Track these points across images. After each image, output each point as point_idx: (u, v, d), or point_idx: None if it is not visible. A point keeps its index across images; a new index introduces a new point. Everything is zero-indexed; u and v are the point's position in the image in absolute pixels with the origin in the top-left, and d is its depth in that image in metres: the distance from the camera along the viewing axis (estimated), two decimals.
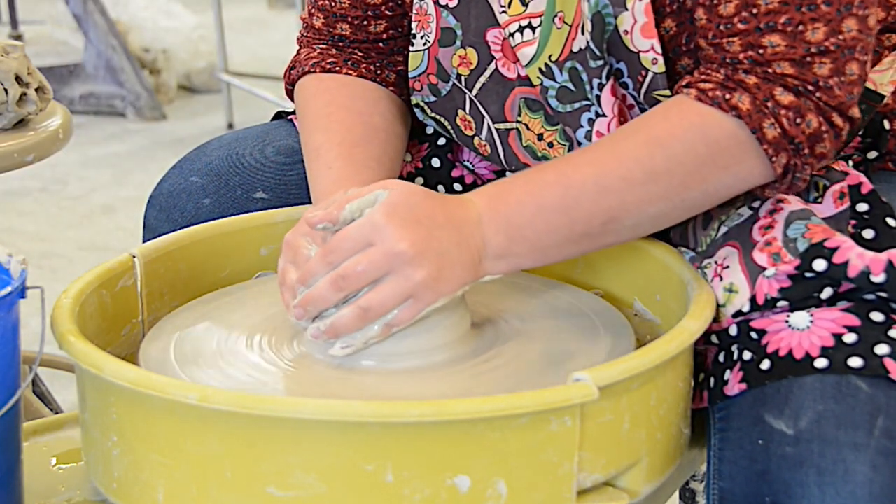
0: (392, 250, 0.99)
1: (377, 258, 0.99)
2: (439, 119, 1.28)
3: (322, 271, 1.01)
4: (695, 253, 1.13)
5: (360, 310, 1.00)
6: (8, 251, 0.99)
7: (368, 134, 1.23)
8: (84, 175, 3.88)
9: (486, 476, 0.90)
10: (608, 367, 0.93)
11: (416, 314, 1.01)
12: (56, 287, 1.12)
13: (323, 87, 1.28)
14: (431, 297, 1.01)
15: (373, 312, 1.00)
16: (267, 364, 1.05)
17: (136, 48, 4.66)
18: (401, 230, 0.99)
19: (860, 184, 1.10)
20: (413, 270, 0.99)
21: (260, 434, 0.89)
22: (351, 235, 1.01)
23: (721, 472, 1.01)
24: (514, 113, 1.22)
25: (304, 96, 1.28)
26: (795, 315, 1.01)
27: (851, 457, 0.95)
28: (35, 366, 1.02)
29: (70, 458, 1.12)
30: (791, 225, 1.05)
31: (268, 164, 1.33)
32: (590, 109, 1.15)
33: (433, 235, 1.00)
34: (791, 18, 1.01)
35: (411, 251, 0.99)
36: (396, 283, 0.99)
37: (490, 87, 1.22)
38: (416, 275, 0.99)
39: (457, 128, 1.27)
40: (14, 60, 1.62)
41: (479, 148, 1.27)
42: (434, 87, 1.26)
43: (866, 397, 0.97)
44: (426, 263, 0.99)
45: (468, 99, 1.24)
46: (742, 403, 1.01)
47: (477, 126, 1.25)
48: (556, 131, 1.19)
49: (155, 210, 1.34)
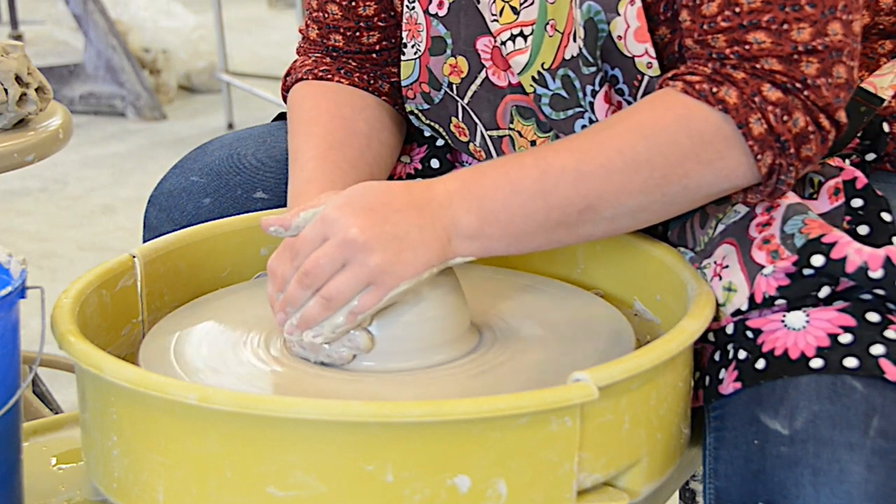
0: (344, 239, 0.99)
1: (332, 250, 1.00)
2: (434, 126, 1.29)
3: (291, 275, 1.03)
4: (694, 253, 1.13)
5: (323, 299, 1.01)
6: (8, 251, 0.99)
7: (348, 138, 1.24)
8: (84, 175, 3.88)
9: (486, 476, 0.90)
10: (608, 367, 0.93)
11: (378, 299, 1.00)
12: (56, 287, 1.12)
13: (311, 93, 1.29)
14: (391, 282, 1.00)
15: (335, 301, 1.00)
16: (266, 364, 1.05)
17: (136, 48, 4.66)
18: (351, 218, 0.99)
19: (855, 178, 1.09)
20: (367, 256, 0.99)
21: (260, 434, 0.89)
22: (308, 236, 1.01)
23: (717, 471, 1.01)
24: (506, 120, 1.22)
25: (294, 101, 1.30)
26: (791, 315, 1.01)
27: (846, 457, 0.95)
28: (35, 366, 1.02)
29: (70, 458, 1.12)
30: (788, 221, 1.05)
31: (268, 165, 1.34)
32: (583, 116, 1.15)
33: (388, 220, 1.00)
34: (775, 17, 1.01)
35: (362, 237, 0.99)
36: (353, 270, 1.00)
37: (481, 95, 1.22)
38: (371, 260, 0.99)
39: (451, 134, 1.28)
40: (14, 60, 1.62)
41: (474, 153, 1.27)
42: (426, 96, 1.26)
43: (861, 397, 0.97)
44: (380, 248, 0.99)
45: (460, 107, 1.25)
46: (737, 403, 1.01)
47: (471, 133, 1.26)
48: (549, 137, 1.20)
49: (155, 209, 1.34)
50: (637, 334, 1.11)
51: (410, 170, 1.35)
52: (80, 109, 4.46)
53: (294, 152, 1.23)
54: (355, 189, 1.02)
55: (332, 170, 1.19)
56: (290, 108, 1.30)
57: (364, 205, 1.00)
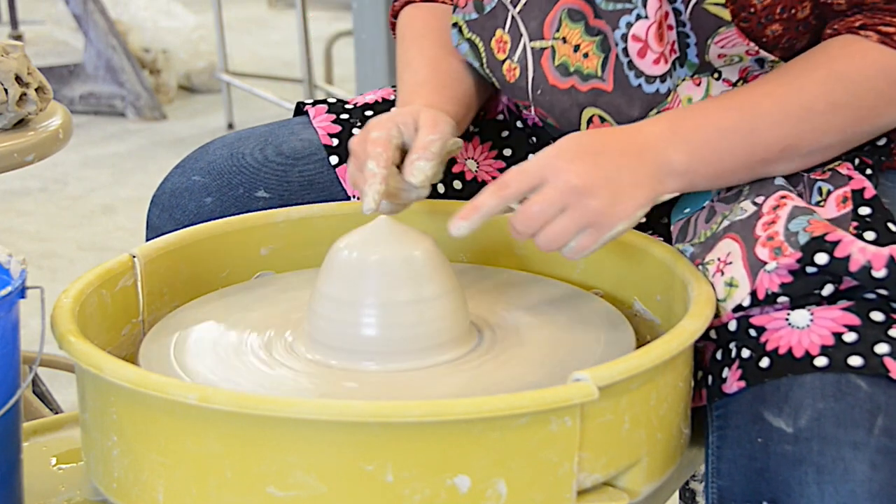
0: (566, 184, 1.04)
1: (554, 195, 1.04)
2: (474, 40, 1.30)
3: (494, 203, 1.05)
4: (693, 247, 1.13)
5: (543, 243, 1.05)
6: (8, 251, 0.99)
7: (455, 52, 1.31)
8: (84, 175, 3.88)
9: (486, 476, 0.90)
10: (608, 367, 0.93)
11: (595, 241, 1.06)
12: (56, 287, 1.12)
13: (420, 14, 1.37)
14: (609, 223, 1.05)
15: (553, 245, 1.06)
16: (267, 364, 1.05)
17: (136, 48, 4.67)
18: (569, 164, 1.05)
19: (863, 188, 1.11)
20: (587, 200, 1.04)
21: (260, 434, 0.89)
22: (526, 169, 1.05)
23: (719, 470, 1.02)
24: (552, 29, 1.22)
25: (404, 21, 1.38)
26: (796, 313, 1.02)
27: (851, 455, 0.95)
28: (35, 366, 1.02)
29: (70, 458, 1.12)
30: (793, 220, 1.06)
31: (270, 164, 1.34)
32: (631, 13, 1.15)
33: (604, 165, 1.05)
34: None
35: (582, 182, 1.04)
36: (572, 215, 1.05)
37: (533, 3, 1.23)
38: (592, 204, 1.04)
39: (490, 51, 1.28)
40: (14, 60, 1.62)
41: (506, 73, 1.27)
42: (479, 3, 1.29)
43: (866, 396, 0.97)
44: (599, 191, 1.04)
45: (510, 16, 1.25)
46: (741, 401, 1.01)
47: (512, 46, 1.25)
48: (594, 42, 1.19)
49: (158, 209, 1.35)
50: (637, 334, 1.11)
51: None
52: (80, 109, 4.46)
53: (407, 61, 1.32)
54: (568, 138, 1.08)
55: (443, 77, 1.28)
56: (401, 27, 1.39)
57: (579, 151, 1.06)
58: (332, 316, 1.05)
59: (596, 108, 1.20)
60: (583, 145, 1.07)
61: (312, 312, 1.07)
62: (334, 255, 1.07)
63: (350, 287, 1.05)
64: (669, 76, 1.16)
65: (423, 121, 1.16)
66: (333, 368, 1.04)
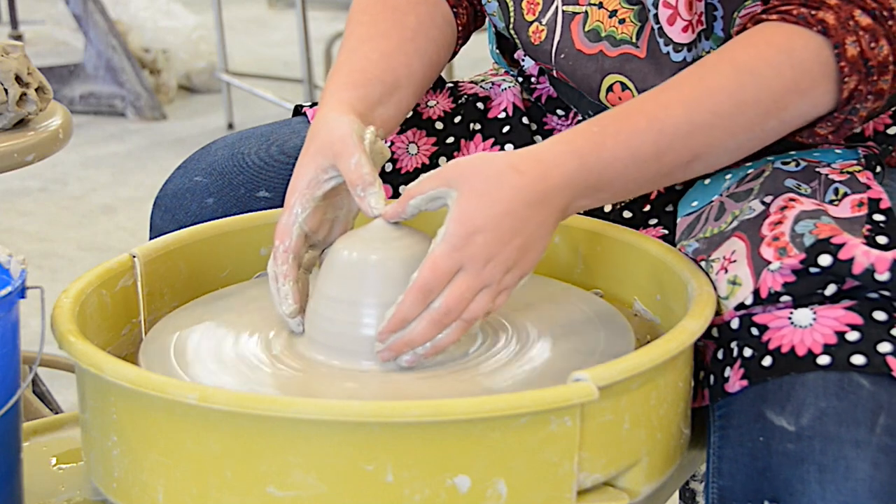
0: (481, 272, 1.00)
1: (473, 283, 1.00)
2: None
3: (419, 311, 1.01)
4: (698, 243, 1.13)
5: (464, 322, 1.01)
6: (8, 251, 0.99)
7: (390, 30, 1.24)
8: (84, 175, 3.88)
9: (486, 476, 0.90)
10: (608, 367, 0.93)
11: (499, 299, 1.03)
12: (56, 287, 1.12)
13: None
14: (514, 283, 1.03)
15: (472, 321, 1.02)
16: (267, 364, 1.05)
17: (136, 48, 4.66)
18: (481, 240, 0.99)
19: (880, 199, 1.11)
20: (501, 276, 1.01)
21: (260, 434, 0.89)
22: (440, 267, 1.00)
23: (721, 470, 1.01)
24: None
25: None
26: (798, 312, 1.02)
27: (853, 454, 0.95)
28: (35, 366, 1.02)
29: (70, 458, 1.12)
30: (800, 222, 1.06)
31: (271, 164, 1.34)
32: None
33: (515, 231, 1.01)
34: None
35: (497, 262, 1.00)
36: (489, 291, 1.01)
37: None
38: (505, 279, 1.02)
39: (519, 11, 1.26)
40: (14, 60, 1.62)
41: (531, 35, 1.26)
42: None
43: (868, 395, 0.97)
44: (510, 262, 1.01)
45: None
46: (743, 400, 1.01)
47: (543, 9, 1.24)
48: (633, 10, 1.19)
49: (160, 211, 1.35)
50: (637, 334, 1.11)
51: (417, 163, 1.35)
52: (80, 109, 4.46)
53: (343, 39, 1.25)
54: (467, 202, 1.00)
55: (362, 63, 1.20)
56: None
57: (488, 216, 1.00)
58: (332, 316, 1.05)
59: (619, 76, 1.20)
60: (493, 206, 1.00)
61: (312, 312, 1.07)
62: (334, 256, 1.07)
63: (350, 287, 1.05)
64: (695, 46, 1.16)
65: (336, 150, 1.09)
66: (333, 368, 1.04)
